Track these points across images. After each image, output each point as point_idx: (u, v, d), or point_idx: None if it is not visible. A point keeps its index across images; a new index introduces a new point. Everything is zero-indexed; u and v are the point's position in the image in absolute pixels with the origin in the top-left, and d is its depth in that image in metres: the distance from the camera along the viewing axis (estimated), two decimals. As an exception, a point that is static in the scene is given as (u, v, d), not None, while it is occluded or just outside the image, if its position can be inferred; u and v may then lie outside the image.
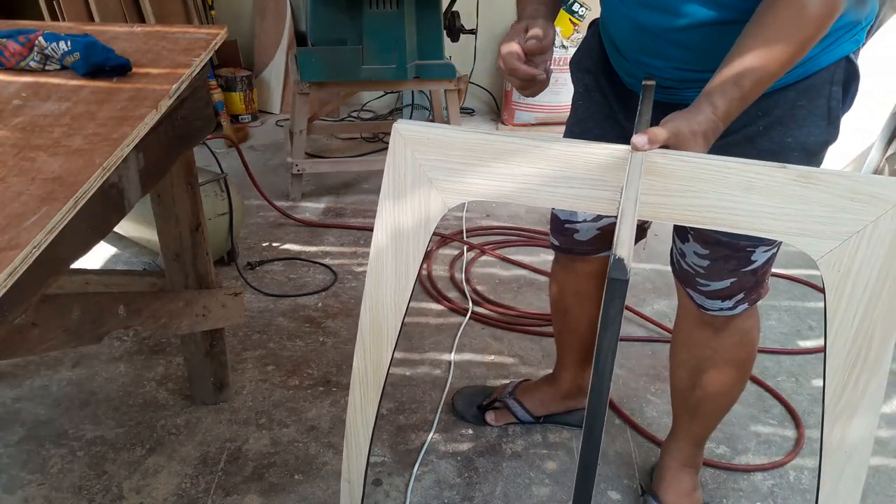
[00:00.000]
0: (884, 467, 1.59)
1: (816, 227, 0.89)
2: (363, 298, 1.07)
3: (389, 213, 1.02)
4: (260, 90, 3.61)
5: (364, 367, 1.15)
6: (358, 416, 1.21)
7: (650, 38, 1.06)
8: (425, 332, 1.99)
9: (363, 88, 2.72)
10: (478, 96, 3.76)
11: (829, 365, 0.97)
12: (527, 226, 2.61)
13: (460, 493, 1.48)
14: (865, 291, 0.91)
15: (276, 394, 1.73)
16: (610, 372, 0.76)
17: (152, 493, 1.44)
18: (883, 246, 0.88)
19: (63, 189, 0.80)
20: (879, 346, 0.94)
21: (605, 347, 0.74)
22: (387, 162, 0.98)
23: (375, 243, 1.04)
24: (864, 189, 0.86)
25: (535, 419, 1.66)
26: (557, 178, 0.95)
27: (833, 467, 1.05)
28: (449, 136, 0.97)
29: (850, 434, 1.02)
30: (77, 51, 1.14)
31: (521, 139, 0.96)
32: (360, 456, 1.25)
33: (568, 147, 0.93)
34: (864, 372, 0.96)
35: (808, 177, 0.87)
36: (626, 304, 2.25)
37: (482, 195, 0.99)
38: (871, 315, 0.92)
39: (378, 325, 1.11)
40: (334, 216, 2.65)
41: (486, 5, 3.31)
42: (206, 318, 1.48)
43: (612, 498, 1.49)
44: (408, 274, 1.06)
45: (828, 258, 0.90)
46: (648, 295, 2.21)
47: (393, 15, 2.46)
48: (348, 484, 1.29)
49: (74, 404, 1.66)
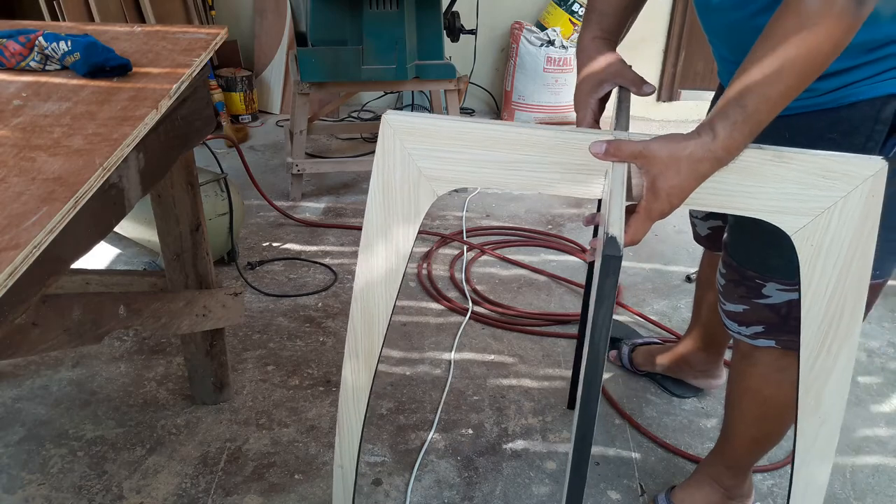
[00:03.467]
0: (884, 467, 1.59)
1: (791, 204, 0.93)
2: (354, 286, 1.09)
3: (380, 202, 1.05)
4: (260, 90, 3.61)
5: (356, 353, 1.17)
6: (350, 402, 1.24)
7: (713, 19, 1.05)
8: (425, 332, 1.99)
9: (363, 88, 2.72)
10: (478, 96, 3.76)
11: (803, 334, 1.02)
12: (527, 226, 2.61)
13: (460, 493, 1.48)
14: (837, 264, 0.96)
15: (277, 394, 1.73)
16: (605, 344, 0.79)
17: (152, 493, 1.44)
18: (853, 220, 0.93)
19: (63, 189, 0.80)
20: (850, 315, 0.99)
21: (600, 321, 0.78)
22: (376, 152, 1.00)
23: (366, 232, 1.06)
24: (835, 167, 0.90)
25: (635, 370, 1.84)
26: (544, 163, 0.98)
27: (808, 433, 1.09)
28: (437, 124, 0.99)
29: (824, 400, 1.06)
30: (77, 51, 1.14)
31: (508, 126, 0.99)
32: (353, 441, 1.29)
33: (553, 133, 0.96)
34: (836, 340, 1.01)
35: (781, 156, 0.91)
36: (625, 305, 2.26)
37: (470, 182, 1.02)
38: (842, 286, 0.97)
39: (369, 313, 1.13)
40: (334, 216, 2.65)
41: (486, 5, 3.31)
42: (207, 318, 1.48)
43: (611, 498, 1.49)
44: (398, 262, 1.09)
45: (802, 233, 0.95)
46: (648, 295, 2.21)
47: (393, 15, 2.46)
48: (341, 469, 1.32)
49: (75, 404, 1.66)
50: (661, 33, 3.57)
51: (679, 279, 2.31)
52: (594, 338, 0.78)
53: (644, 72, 3.87)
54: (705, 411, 1.73)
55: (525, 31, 3.38)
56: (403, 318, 2.04)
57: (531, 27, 3.42)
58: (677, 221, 2.70)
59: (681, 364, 1.75)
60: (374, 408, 1.70)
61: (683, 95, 3.70)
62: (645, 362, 1.82)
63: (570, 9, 3.39)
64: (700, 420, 1.70)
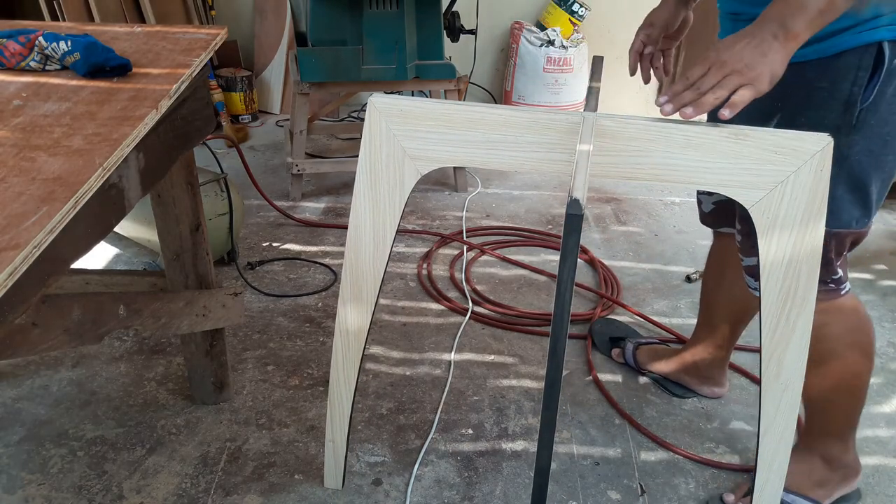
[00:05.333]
0: (884, 467, 1.59)
1: (747, 178, 1.01)
2: (343, 265, 1.13)
3: (366, 183, 1.10)
4: (260, 90, 3.62)
5: (346, 330, 1.21)
6: (341, 378, 1.28)
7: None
8: (425, 332, 1.99)
9: (363, 88, 2.72)
10: (478, 96, 3.76)
11: (763, 304, 1.08)
12: (527, 226, 2.61)
13: (460, 492, 1.48)
14: (792, 234, 1.03)
15: (276, 394, 1.73)
16: (569, 299, 0.89)
17: (152, 493, 1.44)
18: (805, 192, 1.00)
19: (63, 189, 0.80)
20: (806, 283, 1.06)
21: (565, 277, 0.87)
22: (363, 134, 1.08)
23: (354, 212, 1.11)
24: (787, 143, 0.98)
25: (638, 368, 1.83)
26: (520, 143, 1.05)
27: (771, 399, 1.16)
28: (420, 106, 1.05)
29: (785, 366, 1.13)
30: (77, 51, 1.14)
31: (487, 108, 1.05)
32: (344, 417, 1.33)
33: (529, 114, 1.03)
34: (794, 308, 1.08)
35: (738, 134, 1.00)
36: (625, 305, 2.26)
37: (452, 161, 1.08)
38: (797, 255, 1.04)
39: (358, 290, 1.18)
40: (334, 216, 2.65)
41: (486, 5, 3.31)
42: (206, 318, 1.48)
43: (611, 498, 1.49)
44: (385, 240, 1.14)
45: (758, 206, 1.02)
46: (648, 295, 2.21)
47: (393, 15, 2.46)
48: (332, 444, 1.37)
49: (74, 404, 1.66)
50: (661, 33, 3.57)
51: (679, 279, 2.31)
52: (560, 290, 0.88)
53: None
54: (705, 411, 1.73)
55: (525, 31, 3.38)
56: (403, 319, 2.04)
57: (531, 27, 3.42)
58: (677, 221, 2.70)
59: (687, 370, 1.75)
60: (374, 408, 1.70)
61: (683, 95, 3.69)
62: (648, 361, 1.82)
63: (570, 9, 3.39)
64: (700, 420, 1.70)
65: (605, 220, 2.70)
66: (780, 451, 1.19)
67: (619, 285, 2.24)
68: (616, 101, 3.68)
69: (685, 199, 2.88)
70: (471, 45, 3.30)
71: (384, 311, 2.08)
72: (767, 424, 1.17)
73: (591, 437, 1.64)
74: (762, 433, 1.17)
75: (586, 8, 3.40)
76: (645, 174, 1.04)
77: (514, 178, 3.03)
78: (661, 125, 1.01)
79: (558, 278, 0.87)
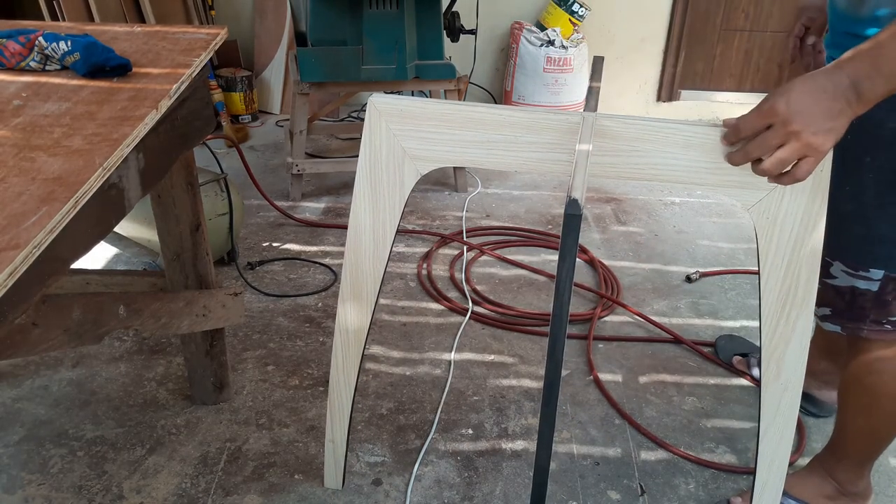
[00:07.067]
0: (884, 467, 1.59)
1: (747, 179, 1.00)
2: (343, 265, 1.13)
3: (366, 183, 1.10)
4: (260, 90, 3.61)
5: (346, 330, 1.22)
6: (341, 378, 1.28)
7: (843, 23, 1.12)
8: (425, 332, 1.99)
9: (363, 88, 2.72)
10: (478, 96, 3.76)
11: (763, 305, 1.08)
12: (527, 226, 2.61)
13: (460, 492, 1.48)
14: (791, 234, 1.03)
15: (276, 394, 1.73)
16: (568, 299, 0.89)
17: (152, 493, 1.44)
18: (804, 193, 1.00)
19: (63, 189, 0.80)
20: (806, 283, 1.06)
21: (564, 276, 0.87)
22: (363, 134, 1.08)
23: (354, 212, 1.11)
24: None
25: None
26: (519, 143, 1.05)
27: (771, 399, 1.16)
28: (420, 106, 1.05)
29: (785, 367, 1.13)
30: (77, 51, 1.14)
31: (487, 108, 1.05)
32: (344, 417, 1.33)
33: (528, 115, 1.03)
34: (794, 308, 1.08)
35: None
36: (625, 305, 2.26)
37: (452, 161, 1.09)
38: (797, 256, 1.04)
39: (358, 290, 1.18)
40: (334, 216, 2.65)
41: (486, 5, 3.31)
42: (206, 318, 1.48)
43: (611, 498, 1.49)
44: (385, 240, 1.14)
45: (757, 207, 1.02)
46: (648, 295, 2.21)
47: (393, 15, 2.46)
48: (332, 444, 1.37)
49: (74, 404, 1.66)
50: (661, 33, 3.57)
51: (679, 279, 2.31)
52: (559, 290, 0.88)
53: (644, 72, 3.86)
54: (705, 411, 1.73)
55: (525, 31, 3.38)
56: (403, 319, 2.05)
57: (531, 27, 3.42)
58: (677, 221, 2.70)
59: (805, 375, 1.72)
60: (374, 408, 1.70)
61: (683, 95, 3.70)
62: None
63: (570, 9, 3.39)
64: (700, 420, 1.70)
65: (604, 220, 2.70)
66: (780, 452, 1.19)
67: (619, 285, 2.24)
68: (616, 101, 3.69)
69: (685, 199, 2.88)
70: (471, 45, 3.30)
71: (384, 311, 2.08)
72: (767, 424, 1.17)
73: (590, 437, 1.64)
74: (762, 433, 1.18)
75: (586, 8, 3.40)
76: (645, 174, 1.04)
77: (514, 179, 3.03)
78: (661, 125, 1.01)
79: (557, 278, 0.88)
